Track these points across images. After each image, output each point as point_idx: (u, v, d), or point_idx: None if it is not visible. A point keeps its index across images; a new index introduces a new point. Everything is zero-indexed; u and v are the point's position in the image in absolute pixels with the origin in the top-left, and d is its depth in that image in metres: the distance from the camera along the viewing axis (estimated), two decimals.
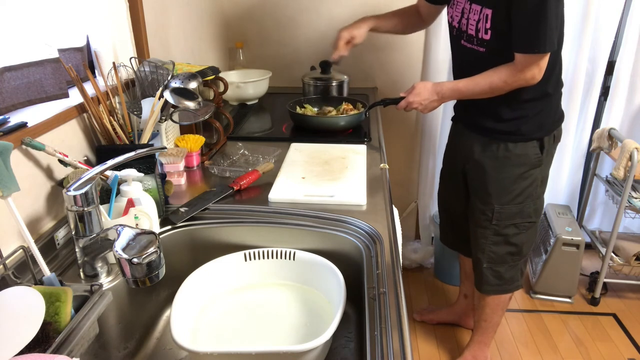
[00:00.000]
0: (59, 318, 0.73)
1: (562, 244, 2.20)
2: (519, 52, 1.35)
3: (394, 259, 0.96)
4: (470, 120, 1.63)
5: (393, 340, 0.75)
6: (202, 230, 1.11)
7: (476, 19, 1.40)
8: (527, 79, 1.37)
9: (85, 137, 1.13)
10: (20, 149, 0.91)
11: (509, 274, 1.69)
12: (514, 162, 1.53)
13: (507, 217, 1.59)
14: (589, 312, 2.29)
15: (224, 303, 1.03)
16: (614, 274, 2.28)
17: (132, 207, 0.95)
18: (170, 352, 1.02)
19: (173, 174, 1.28)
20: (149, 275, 0.75)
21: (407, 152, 2.43)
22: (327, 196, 1.18)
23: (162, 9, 1.56)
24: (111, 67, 1.20)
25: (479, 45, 1.43)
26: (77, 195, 0.81)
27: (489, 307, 1.78)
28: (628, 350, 2.07)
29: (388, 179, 1.32)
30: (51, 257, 0.93)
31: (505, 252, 1.66)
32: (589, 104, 2.29)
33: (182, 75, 1.26)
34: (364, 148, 1.50)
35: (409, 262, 2.56)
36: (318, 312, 1.00)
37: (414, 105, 1.52)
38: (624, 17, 2.16)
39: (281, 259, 1.06)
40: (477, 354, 1.91)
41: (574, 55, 2.16)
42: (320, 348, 0.84)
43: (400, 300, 0.84)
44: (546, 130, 1.53)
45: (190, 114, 1.27)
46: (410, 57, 2.24)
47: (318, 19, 2.18)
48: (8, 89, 0.95)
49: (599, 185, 2.49)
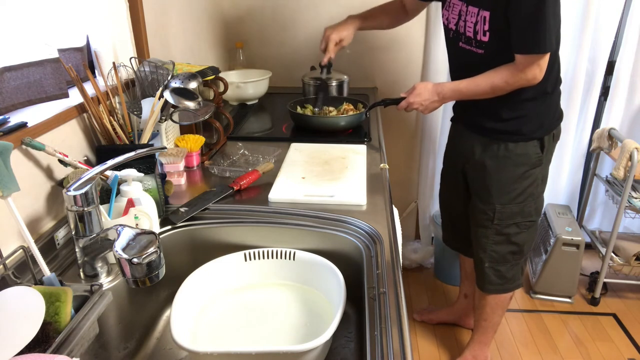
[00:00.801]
0: (59, 318, 0.73)
1: (562, 244, 2.20)
2: (519, 53, 1.35)
3: (394, 259, 0.96)
4: (470, 120, 1.63)
5: (393, 340, 0.75)
6: (202, 230, 1.11)
7: (474, 21, 1.40)
8: (529, 79, 1.38)
9: (85, 137, 1.13)
10: (20, 149, 0.91)
11: (510, 273, 1.70)
12: (515, 161, 1.54)
13: (508, 217, 1.60)
14: (589, 312, 2.29)
15: (224, 303, 1.03)
16: (614, 274, 2.29)
17: (132, 207, 0.95)
18: (170, 352, 1.02)
19: (173, 174, 1.28)
20: (149, 275, 0.75)
21: (407, 152, 2.43)
22: (327, 196, 1.18)
23: (162, 9, 1.56)
24: (111, 67, 1.20)
25: (478, 47, 1.43)
26: (77, 195, 0.81)
27: (489, 307, 1.78)
28: (628, 350, 2.07)
29: (388, 179, 1.32)
30: (51, 257, 0.93)
31: (507, 251, 1.66)
32: (589, 103, 2.29)
33: (182, 75, 1.26)
34: (364, 148, 1.50)
35: (409, 262, 2.56)
36: (318, 312, 1.00)
37: (415, 105, 1.52)
38: (624, 17, 2.16)
39: (281, 259, 1.06)
40: (477, 353, 1.91)
41: (574, 55, 2.17)
42: (320, 348, 0.84)
43: (400, 300, 0.84)
44: (546, 130, 1.53)
45: (190, 114, 1.27)
46: (410, 57, 2.24)
47: (318, 19, 2.18)
48: (8, 89, 0.95)
49: (599, 185, 2.49)
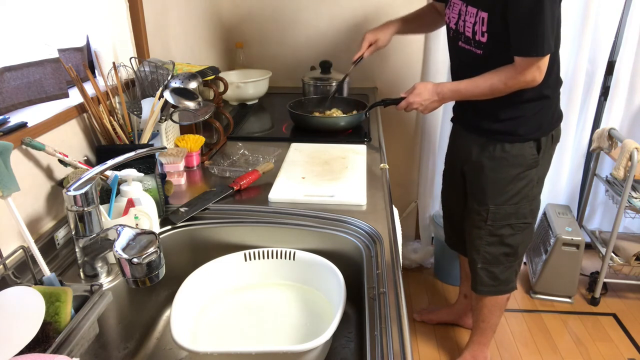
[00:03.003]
0: (59, 318, 0.73)
1: (562, 244, 2.20)
2: (517, 56, 1.35)
3: (394, 259, 0.96)
4: (468, 121, 1.63)
5: (393, 340, 0.75)
6: (202, 230, 1.11)
7: (472, 22, 1.40)
8: (528, 81, 1.38)
9: (85, 137, 1.13)
10: (20, 149, 0.91)
11: (504, 275, 1.69)
12: (511, 162, 1.53)
13: (502, 218, 1.59)
14: (589, 312, 2.29)
15: (224, 303, 1.03)
16: (614, 274, 2.29)
17: (132, 207, 0.95)
18: (170, 352, 1.02)
19: (173, 174, 1.28)
20: (149, 275, 0.75)
21: (407, 152, 2.43)
22: (327, 196, 1.18)
23: (162, 9, 1.56)
24: (111, 67, 1.20)
25: (476, 47, 1.43)
26: (77, 195, 0.81)
27: (487, 308, 1.78)
28: (628, 350, 2.07)
29: (388, 179, 1.32)
30: (51, 257, 0.93)
31: (500, 252, 1.65)
32: (589, 104, 2.29)
33: (182, 75, 1.26)
34: (364, 148, 1.50)
35: (409, 262, 2.56)
36: (318, 312, 1.00)
37: (415, 105, 1.52)
38: (624, 17, 2.16)
39: (281, 259, 1.06)
40: (476, 354, 1.91)
41: (574, 55, 2.16)
42: (320, 348, 0.84)
43: (400, 300, 0.84)
44: (544, 131, 1.52)
45: (190, 114, 1.27)
46: (410, 57, 2.24)
47: (318, 18, 2.18)
48: (8, 89, 0.95)
49: (599, 185, 2.48)
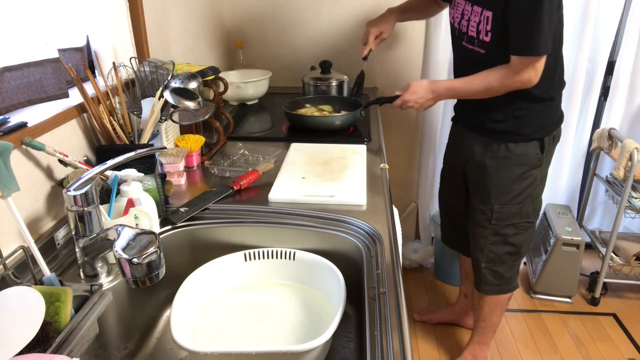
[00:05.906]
0: (59, 318, 0.73)
1: (562, 244, 2.20)
2: (514, 55, 1.35)
3: (394, 259, 0.96)
4: (471, 120, 1.63)
5: (393, 340, 0.75)
6: (202, 230, 1.11)
7: (477, 21, 1.40)
8: (524, 81, 1.37)
9: (85, 137, 1.13)
10: (20, 149, 0.91)
11: (508, 274, 1.70)
12: (515, 162, 1.54)
13: (506, 217, 1.60)
14: (589, 312, 2.29)
15: (224, 303, 1.03)
16: (614, 274, 2.29)
17: (132, 207, 0.95)
18: (170, 352, 1.02)
19: (173, 174, 1.28)
20: (149, 275, 0.75)
21: (407, 152, 2.43)
22: (327, 196, 1.18)
23: (162, 9, 1.56)
24: (111, 67, 1.20)
25: (480, 47, 1.43)
26: (77, 195, 0.81)
27: (488, 307, 1.78)
28: (628, 350, 2.07)
29: (388, 179, 1.32)
30: (51, 257, 0.93)
31: (504, 252, 1.66)
32: (589, 104, 2.29)
33: (182, 75, 1.26)
34: (363, 148, 1.50)
35: (409, 262, 2.56)
36: (318, 312, 1.00)
37: (410, 103, 1.52)
38: (624, 17, 2.16)
39: (281, 259, 1.06)
40: (476, 354, 1.91)
41: (574, 55, 2.16)
42: (320, 348, 0.84)
43: (400, 300, 0.84)
44: (547, 131, 1.53)
45: (190, 114, 1.27)
46: (410, 57, 2.24)
47: (318, 19, 2.18)
48: (8, 89, 0.95)
49: (599, 185, 2.48)
